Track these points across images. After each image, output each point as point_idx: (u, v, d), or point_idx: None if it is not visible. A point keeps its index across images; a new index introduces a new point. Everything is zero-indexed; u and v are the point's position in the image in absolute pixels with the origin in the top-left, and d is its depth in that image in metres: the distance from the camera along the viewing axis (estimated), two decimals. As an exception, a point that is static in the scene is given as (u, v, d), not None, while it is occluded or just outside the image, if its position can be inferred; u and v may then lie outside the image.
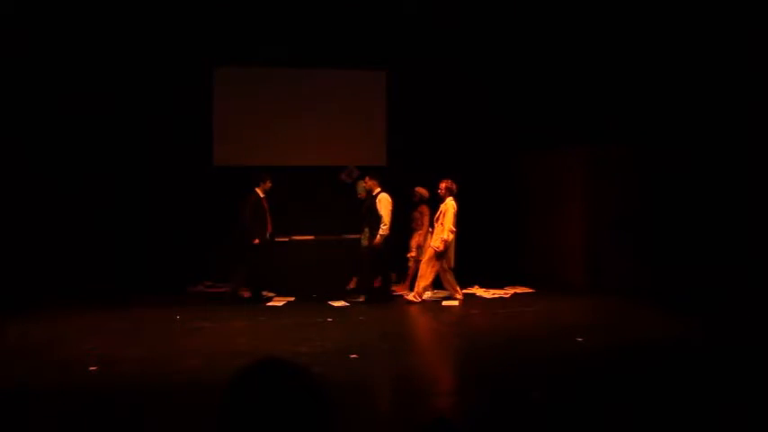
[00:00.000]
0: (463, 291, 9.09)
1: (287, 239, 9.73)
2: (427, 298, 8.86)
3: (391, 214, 8.79)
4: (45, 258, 9.19)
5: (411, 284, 9.24)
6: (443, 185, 8.78)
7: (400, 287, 9.52)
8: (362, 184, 9.58)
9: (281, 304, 8.68)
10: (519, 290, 9.68)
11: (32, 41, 9.30)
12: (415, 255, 9.13)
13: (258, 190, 8.90)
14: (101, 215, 9.94)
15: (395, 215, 8.86)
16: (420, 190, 9.21)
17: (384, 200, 8.86)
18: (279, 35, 10.31)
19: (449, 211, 8.60)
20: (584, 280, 9.63)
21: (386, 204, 8.83)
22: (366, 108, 11.20)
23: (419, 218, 9.19)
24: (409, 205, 9.29)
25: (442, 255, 8.63)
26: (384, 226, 8.73)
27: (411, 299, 8.77)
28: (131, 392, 4.97)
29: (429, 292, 8.91)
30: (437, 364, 6.38)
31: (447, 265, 8.79)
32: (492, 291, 9.53)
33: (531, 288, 9.77)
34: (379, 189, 8.98)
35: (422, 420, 4.38)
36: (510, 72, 10.93)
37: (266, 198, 8.94)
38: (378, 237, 8.75)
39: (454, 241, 8.71)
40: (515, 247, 11.08)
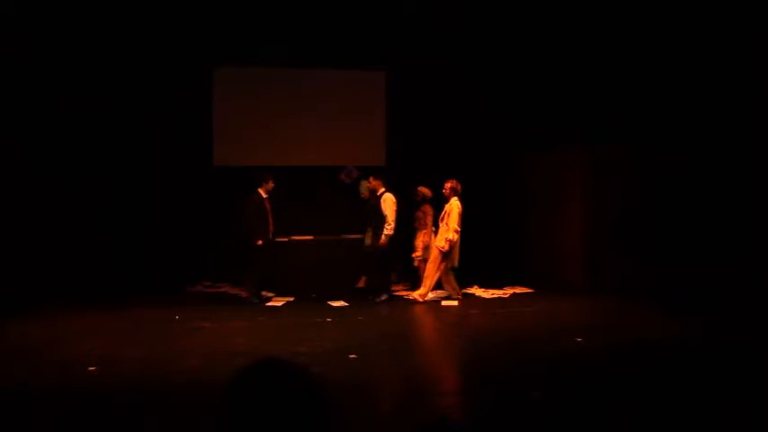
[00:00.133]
0: (462, 291, 9.10)
1: (286, 239, 9.73)
2: (429, 298, 8.86)
3: (396, 214, 8.80)
4: (45, 258, 9.18)
5: (413, 284, 9.25)
6: (448, 185, 8.77)
7: (400, 287, 9.53)
8: (366, 183, 9.58)
9: (280, 304, 8.68)
10: (518, 290, 9.68)
11: (32, 41, 9.30)
12: (420, 255, 9.12)
13: (261, 190, 8.86)
14: (101, 215, 9.94)
15: (398, 215, 8.86)
16: (423, 189, 9.20)
17: (389, 200, 8.86)
18: (279, 35, 10.31)
19: (454, 211, 8.60)
20: (583, 280, 9.63)
21: (390, 204, 8.82)
22: (366, 108, 11.20)
23: (422, 217, 9.17)
24: (409, 205, 9.29)
25: (446, 255, 8.64)
26: (389, 226, 8.73)
27: (416, 298, 8.77)
28: (131, 392, 4.97)
29: (431, 292, 8.91)
30: (437, 364, 6.38)
31: (450, 265, 8.79)
32: (491, 291, 9.53)
33: (530, 288, 9.77)
34: (384, 189, 8.98)
35: (422, 421, 4.38)
36: (510, 72, 10.93)
37: (269, 198, 8.94)
38: (383, 237, 8.75)
39: (459, 241, 8.72)
40: (515, 248, 11.07)
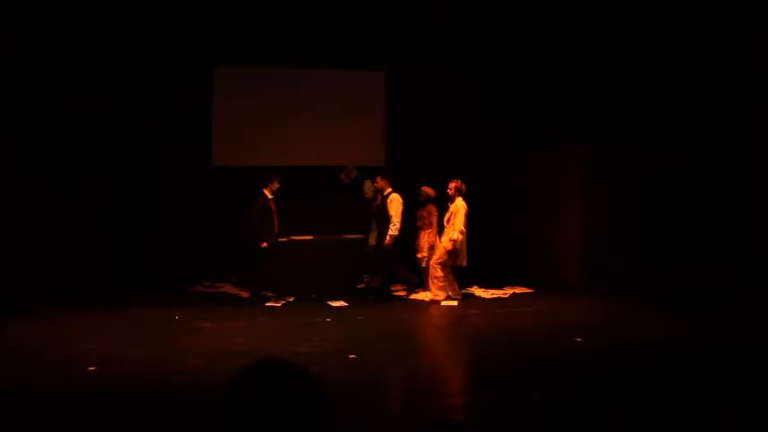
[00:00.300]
0: (462, 291, 9.09)
1: (286, 239, 9.72)
2: (444, 297, 8.76)
3: (401, 215, 8.79)
4: (45, 258, 9.18)
5: (411, 284, 9.24)
6: (453, 185, 8.77)
7: (400, 287, 9.52)
8: (369, 183, 9.58)
9: (280, 304, 8.68)
10: (518, 290, 9.68)
11: (32, 41, 9.29)
12: (427, 255, 9.09)
13: (266, 191, 8.84)
14: (101, 215, 9.93)
15: (403, 216, 8.85)
16: (426, 189, 9.16)
17: (395, 200, 8.86)
18: (279, 35, 10.30)
19: (460, 211, 8.61)
20: (583, 280, 9.62)
21: (397, 205, 8.82)
22: (366, 108, 11.20)
23: (427, 217, 9.13)
24: (410, 205, 9.27)
25: (451, 254, 8.64)
26: (394, 227, 8.72)
27: (434, 298, 8.72)
28: (131, 392, 4.98)
29: (442, 291, 8.82)
30: (437, 364, 6.38)
31: (457, 264, 8.78)
32: (491, 291, 9.53)
33: (530, 288, 9.77)
34: (391, 189, 8.98)
35: (422, 421, 4.39)
36: (509, 72, 10.92)
37: (274, 199, 8.90)
38: (387, 237, 8.74)
39: (465, 241, 8.71)
40: (515, 248, 11.07)
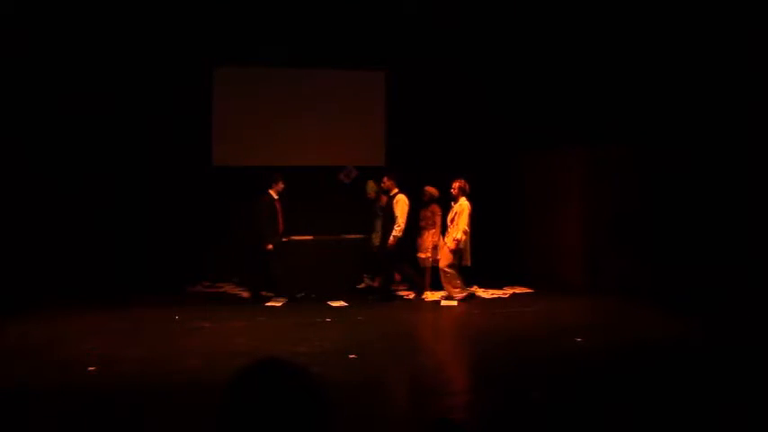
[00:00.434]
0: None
1: (286, 240, 9.72)
2: (453, 296, 8.74)
3: (406, 216, 8.78)
4: (45, 258, 9.18)
5: (413, 284, 9.24)
6: (457, 185, 8.77)
7: (401, 287, 9.52)
8: (372, 183, 9.57)
9: (279, 304, 8.67)
10: (518, 290, 9.68)
11: (32, 41, 9.29)
12: (431, 255, 9.08)
13: (271, 191, 8.83)
14: (101, 215, 9.93)
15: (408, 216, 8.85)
16: (430, 189, 9.16)
17: (401, 201, 8.85)
18: (279, 35, 10.30)
19: (464, 211, 8.61)
20: (583, 280, 9.62)
21: (402, 205, 8.82)
22: (365, 108, 11.20)
23: (430, 217, 9.13)
24: (411, 205, 9.26)
25: (456, 254, 8.65)
26: (398, 227, 8.72)
27: (452, 300, 8.66)
28: (131, 392, 4.97)
29: (458, 289, 8.79)
30: (437, 364, 6.37)
31: (462, 264, 8.78)
32: (491, 291, 9.53)
33: (530, 288, 9.77)
34: (397, 190, 8.97)
35: (422, 420, 4.39)
36: (509, 72, 10.92)
37: (279, 199, 8.89)
38: (391, 237, 8.74)
39: (469, 240, 8.71)
40: (515, 248, 11.07)
